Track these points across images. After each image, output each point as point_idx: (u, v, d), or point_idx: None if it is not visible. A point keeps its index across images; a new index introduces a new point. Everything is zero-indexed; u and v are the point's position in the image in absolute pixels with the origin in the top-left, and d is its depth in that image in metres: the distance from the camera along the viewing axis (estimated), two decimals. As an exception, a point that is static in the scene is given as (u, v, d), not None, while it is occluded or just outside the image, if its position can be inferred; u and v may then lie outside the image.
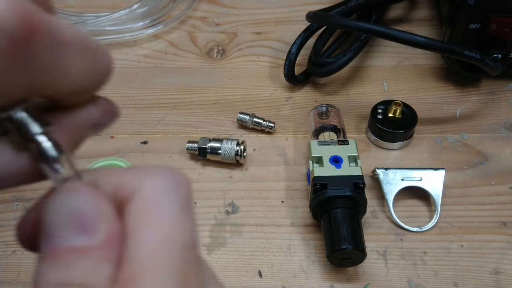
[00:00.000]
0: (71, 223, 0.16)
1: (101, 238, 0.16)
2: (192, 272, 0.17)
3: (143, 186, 0.17)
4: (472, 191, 0.46)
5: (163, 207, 0.17)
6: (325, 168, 0.43)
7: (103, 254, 0.16)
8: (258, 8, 0.64)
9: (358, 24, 0.47)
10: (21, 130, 0.16)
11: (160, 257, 0.16)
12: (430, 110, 0.52)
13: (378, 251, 0.43)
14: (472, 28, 0.49)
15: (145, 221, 0.17)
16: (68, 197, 0.17)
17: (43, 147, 0.17)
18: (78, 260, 0.16)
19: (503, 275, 0.41)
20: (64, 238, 0.16)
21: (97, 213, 0.17)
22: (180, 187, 0.18)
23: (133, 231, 0.16)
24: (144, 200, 0.17)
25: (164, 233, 0.16)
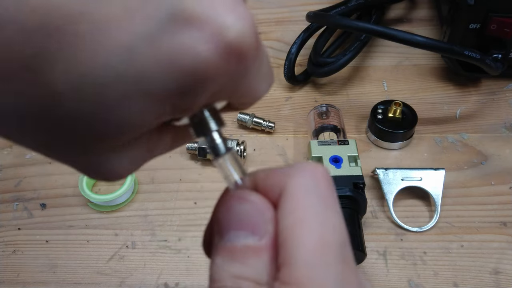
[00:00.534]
0: (245, 225, 0.18)
1: (268, 240, 0.18)
2: (350, 272, 0.18)
3: (287, 188, 0.18)
4: (472, 191, 0.46)
5: (310, 206, 0.18)
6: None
7: (270, 254, 0.18)
8: (258, 8, 0.64)
9: (358, 24, 0.47)
10: (201, 125, 0.19)
11: (321, 260, 0.17)
12: (430, 110, 0.52)
13: (378, 251, 0.43)
14: (472, 28, 0.49)
15: (296, 222, 0.18)
16: (242, 203, 0.19)
17: (216, 143, 0.19)
18: (252, 258, 0.18)
19: (503, 275, 0.41)
20: (239, 237, 0.18)
21: (264, 217, 0.18)
22: (320, 182, 0.19)
23: (287, 232, 0.18)
24: (290, 202, 0.18)
25: (317, 234, 0.17)
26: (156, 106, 0.16)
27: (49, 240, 0.45)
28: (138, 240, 0.44)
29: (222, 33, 0.15)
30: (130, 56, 0.14)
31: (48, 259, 0.43)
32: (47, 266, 0.43)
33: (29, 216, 0.46)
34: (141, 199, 0.47)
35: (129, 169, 0.19)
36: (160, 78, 0.15)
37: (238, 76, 0.17)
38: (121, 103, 0.15)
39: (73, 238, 0.45)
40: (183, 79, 0.15)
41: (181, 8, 0.14)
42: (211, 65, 0.15)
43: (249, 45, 0.15)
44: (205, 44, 0.15)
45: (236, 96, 0.18)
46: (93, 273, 0.42)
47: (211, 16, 0.15)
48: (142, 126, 0.17)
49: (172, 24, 0.14)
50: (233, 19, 0.15)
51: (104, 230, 0.45)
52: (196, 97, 0.16)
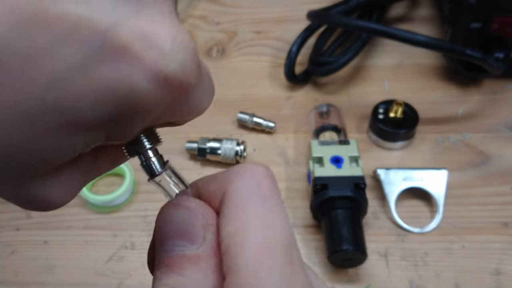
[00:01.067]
0: (182, 234, 0.18)
1: (207, 248, 0.17)
2: (297, 273, 0.17)
3: (227, 193, 0.18)
4: (474, 191, 0.46)
5: (251, 209, 0.17)
6: (326, 168, 0.43)
7: (210, 262, 0.17)
8: (258, 7, 0.64)
9: (359, 23, 0.47)
10: (133, 145, 0.18)
11: (264, 264, 0.16)
12: (432, 109, 0.52)
13: (379, 252, 0.42)
14: (473, 28, 0.49)
15: (238, 228, 0.17)
16: (178, 210, 0.18)
17: (150, 162, 0.18)
18: (189, 268, 0.17)
19: (504, 275, 0.41)
20: (176, 246, 0.18)
21: (203, 225, 0.18)
22: (262, 183, 0.18)
23: (230, 239, 0.17)
24: (231, 208, 0.18)
25: (260, 237, 0.17)
26: (89, 135, 0.15)
27: (48, 241, 0.44)
28: (137, 241, 0.44)
29: (161, 64, 0.14)
30: (60, 87, 0.14)
31: (47, 259, 0.43)
32: (45, 266, 0.43)
33: (27, 216, 0.46)
34: (140, 199, 0.46)
35: (66, 196, 0.18)
36: (93, 109, 0.14)
37: (178, 104, 0.16)
38: (50, 135, 0.14)
39: (71, 238, 0.44)
40: (118, 110, 0.15)
41: (116, 37, 0.14)
42: (149, 96, 0.14)
43: (190, 76, 0.15)
44: (142, 76, 0.14)
45: (176, 119, 0.18)
46: (91, 274, 0.42)
47: (149, 46, 0.14)
48: (73, 153, 0.16)
49: (106, 54, 0.14)
50: (174, 50, 0.14)
51: (103, 230, 0.45)
52: (132, 126, 0.16)
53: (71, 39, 0.13)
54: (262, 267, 0.16)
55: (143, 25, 0.14)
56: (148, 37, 0.14)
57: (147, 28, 0.14)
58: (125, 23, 0.14)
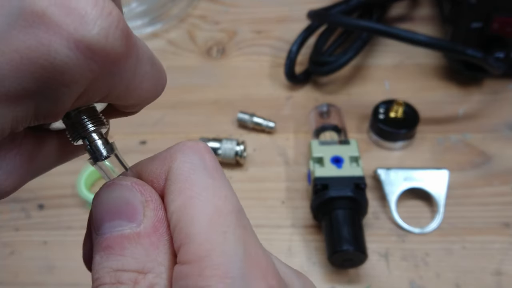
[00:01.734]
0: (119, 213, 0.17)
1: (148, 225, 0.17)
2: (250, 236, 0.17)
3: (171, 170, 0.18)
4: (474, 191, 0.46)
5: (198, 181, 0.17)
6: (326, 168, 0.42)
7: (153, 240, 0.17)
8: (258, 7, 0.63)
9: (359, 22, 0.47)
10: (74, 127, 0.17)
11: (218, 230, 0.16)
12: (432, 109, 0.52)
13: (380, 253, 0.42)
14: (474, 27, 0.49)
15: (186, 201, 0.17)
16: (114, 190, 0.17)
17: (95, 145, 0.18)
18: (130, 248, 0.17)
19: (505, 276, 0.41)
20: (114, 227, 0.17)
21: (141, 201, 0.17)
22: (205, 156, 0.18)
23: (179, 213, 0.17)
24: (177, 182, 0.17)
25: (210, 206, 0.17)
26: (14, 108, 0.15)
27: (47, 241, 0.44)
28: (137, 241, 0.44)
29: (81, 31, 0.14)
30: None
31: (46, 260, 0.43)
32: (45, 267, 0.43)
33: (27, 217, 0.46)
34: (140, 199, 0.46)
35: (8, 183, 0.17)
36: (14, 77, 0.14)
37: (106, 77, 0.15)
38: None
39: (71, 239, 0.44)
40: (40, 79, 0.14)
41: (33, 2, 0.13)
42: (70, 64, 0.14)
43: (114, 43, 0.14)
44: (61, 42, 0.14)
45: (113, 98, 0.17)
46: (91, 274, 0.42)
47: (70, 12, 0.14)
48: (3, 129, 0.15)
49: (24, 20, 0.13)
50: (94, 16, 0.14)
51: (103, 231, 0.45)
52: (59, 98, 0.15)
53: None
54: (216, 233, 0.16)
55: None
56: (67, 2, 0.14)
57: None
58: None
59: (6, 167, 0.17)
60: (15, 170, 0.17)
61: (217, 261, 0.16)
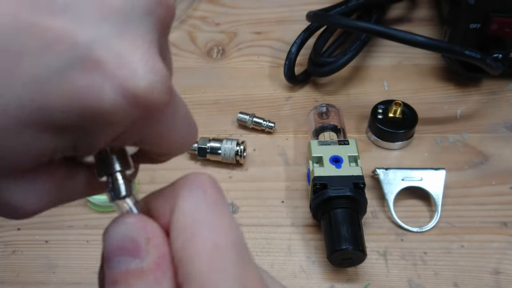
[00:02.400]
0: (125, 249, 0.18)
1: (151, 261, 0.18)
2: (250, 271, 0.18)
3: (176, 205, 0.19)
4: (472, 191, 0.46)
5: (198, 219, 0.18)
6: (325, 168, 0.43)
7: (156, 275, 0.18)
8: (258, 8, 0.64)
9: (359, 23, 0.47)
10: (103, 163, 0.19)
11: (217, 268, 0.17)
12: (431, 110, 0.52)
13: (379, 251, 0.43)
14: (472, 28, 0.49)
15: (188, 239, 0.18)
16: (120, 226, 0.18)
17: (118, 184, 0.19)
18: (134, 283, 0.17)
19: (503, 275, 0.41)
20: (120, 263, 0.18)
21: (145, 238, 0.18)
22: (207, 190, 0.19)
23: (181, 252, 0.18)
24: (180, 220, 0.18)
25: (210, 244, 0.17)
26: (56, 138, 0.16)
27: (49, 240, 0.45)
28: (138, 240, 0.44)
29: (129, 81, 0.16)
30: (37, 87, 0.15)
31: (48, 259, 0.43)
32: (46, 266, 0.43)
33: (28, 216, 0.46)
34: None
35: (36, 205, 0.18)
36: (63, 111, 0.16)
37: (143, 124, 0.17)
38: (20, 131, 0.16)
39: (73, 238, 0.45)
40: (85, 116, 0.16)
41: (93, 52, 0.15)
42: (114, 108, 0.16)
43: (157, 97, 0.16)
44: (111, 88, 0.16)
45: (146, 144, 0.19)
46: (93, 274, 0.42)
47: (122, 65, 0.16)
48: (41, 156, 0.17)
49: (84, 64, 0.15)
50: (144, 71, 0.16)
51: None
52: (98, 136, 0.17)
53: (54, 48, 0.15)
54: (215, 271, 0.17)
55: (122, 46, 0.16)
56: (123, 57, 0.16)
57: (124, 49, 0.16)
58: (105, 41, 0.15)
59: (35, 190, 0.18)
60: (43, 194, 0.18)
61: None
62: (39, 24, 0.15)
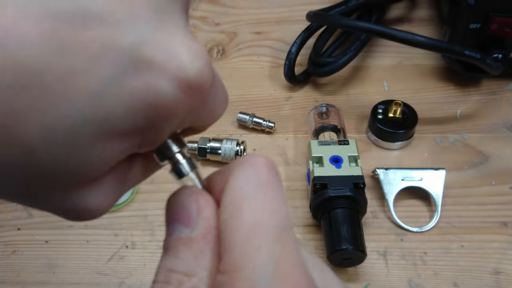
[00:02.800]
0: (178, 218, 0.19)
1: (199, 232, 0.19)
2: (288, 252, 0.18)
3: (228, 182, 0.19)
4: (472, 191, 0.46)
5: (247, 195, 0.18)
6: (325, 168, 0.43)
7: (201, 246, 0.18)
8: (258, 8, 0.64)
9: (358, 23, 0.47)
10: (163, 150, 0.20)
11: (253, 242, 0.17)
12: (431, 110, 0.52)
13: (379, 251, 0.43)
14: (472, 28, 0.49)
15: (233, 212, 0.18)
16: (178, 196, 0.20)
17: (180, 163, 0.20)
18: (183, 251, 0.18)
19: (503, 275, 0.41)
20: (175, 230, 0.19)
21: (197, 210, 0.19)
22: (260, 171, 0.19)
23: (225, 223, 0.18)
24: (229, 195, 0.19)
25: (252, 219, 0.18)
26: (124, 142, 0.17)
27: (49, 240, 0.45)
28: (138, 240, 0.44)
29: (181, 72, 0.16)
30: (97, 100, 0.15)
31: (48, 259, 0.43)
32: (46, 266, 0.43)
33: (28, 216, 0.46)
34: (140, 199, 0.47)
35: (106, 204, 0.19)
36: (127, 116, 0.16)
37: (198, 107, 0.18)
38: (91, 145, 0.16)
39: (72, 238, 0.45)
40: (149, 116, 0.16)
41: (140, 53, 0.16)
42: (173, 101, 0.16)
43: (206, 79, 0.17)
44: (167, 83, 0.16)
45: (198, 122, 0.20)
46: (92, 273, 0.42)
47: (170, 58, 0.16)
48: (112, 161, 0.18)
49: (134, 67, 0.16)
50: (190, 58, 0.16)
51: (104, 230, 0.45)
52: (162, 130, 0.18)
53: (101, 58, 0.15)
54: (251, 246, 0.17)
55: (163, 39, 0.16)
56: (168, 50, 0.16)
57: (167, 42, 0.16)
58: (147, 39, 0.16)
59: (104, 191, 0.19)
60: (111, 192, 0.19)
61: (247, 275, 0.17)
62: (80, 40, 0.15)
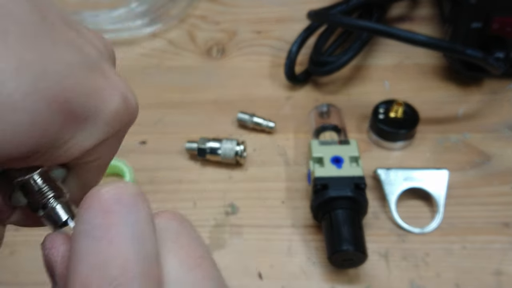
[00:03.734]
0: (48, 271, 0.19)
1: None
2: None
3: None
4: (474, 191, 0.46)
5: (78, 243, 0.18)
6: (326, 168, 0.43)
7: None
8: (258, 7, 0.63)
9: (359, 22, 0.47)
10: (39, 194, 0.19)
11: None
12: (432, 109, 0.52)
13: (380, 252, 0.42)
14: (474, 27, 0.49)
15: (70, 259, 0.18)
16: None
17: (56, 212, 0.19)
18: None
19: (505, 276, 0.41)
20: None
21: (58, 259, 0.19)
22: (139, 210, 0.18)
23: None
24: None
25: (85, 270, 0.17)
26: None
27: (48, 241, 0.44)
28: (137, 241, 0.44)
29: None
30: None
31: (46, 260, 0.43)
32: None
33: (27, 216, 0.46)
34: (140, 199, 0.46)
35: None
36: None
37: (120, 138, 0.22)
38: None
39: (71, 239, 0.44)
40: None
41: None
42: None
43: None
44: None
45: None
46: (91, 275, 0.42)
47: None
48: None
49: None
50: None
51: (103, 231, 0.45)
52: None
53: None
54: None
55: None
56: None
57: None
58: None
59: None
60: None
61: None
62: None
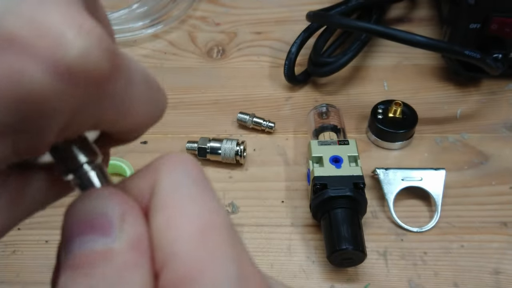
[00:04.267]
0: (91, 226, 0.15)
1: (124, 241, 0.14)
2: (243, 251, 0.15)
3: (157, 183, 0.16)
4: (472, 191, 0.46)
5: (184, 194, 0.15)
6: (325, 168, 0.43)
7: (130, 258, 0.14)
8: (258, 8, 0.64)
9: (358, 23, 0.47)
10: (66, 160, 0.16)
11: (207, 247, 0.14)
12: (431, 110, 0.52)
13: (379, 251, 0.43)
14: (472, 28, 0.49)
15: (170, 217, 0.15)
16: (88, 200, 0.15)
17: (87, 176, 0.16)
18: (101, 266, 0.14)
19: (503, 275, 0.41)
20: (84, 243, 0.14)
21: (118, 214, 0.15)
22: (191, 168, 0.16)
23: (163, 229, 0.15)
24: (162, 197, 0.15)
25: (198, 222, 0.14)
26: None
27: (49, 240, 0.45)
28: (138, 240, 0.44)
29: (58, 53, 0.12)
30: None
31: (48, 259, 0.43)
32: (46, 266, 0.43)
33: (28, 216, 0.46)
34: (141, 199, 0.47)
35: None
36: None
37: (93, 102, 0.14)
38: None
39: (72, 238, 0.45)
40: (16, 111, 0.12)
41: (1, 24, 0.12)
42: (49, 92, 0.12)
43: (96, 65, 0.13)
44: (38, 68, 0.12)
45: (105, 125, 0.15)
46: None
47: (44, 33, 0.12)
48: None
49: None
50: (73, 35, 0.12)
51: (104, 230, 0.45)
52: (41, 130, 0.13)
53: None
54: (205, 251, 0.14)
55: (34, 10, 0.12)
56: (40, 22, 0.12)
57: (39, 13, 0.12)
58: (12, 9, 0.12)
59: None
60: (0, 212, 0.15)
61: (208, 283, 0.14)
62: None
